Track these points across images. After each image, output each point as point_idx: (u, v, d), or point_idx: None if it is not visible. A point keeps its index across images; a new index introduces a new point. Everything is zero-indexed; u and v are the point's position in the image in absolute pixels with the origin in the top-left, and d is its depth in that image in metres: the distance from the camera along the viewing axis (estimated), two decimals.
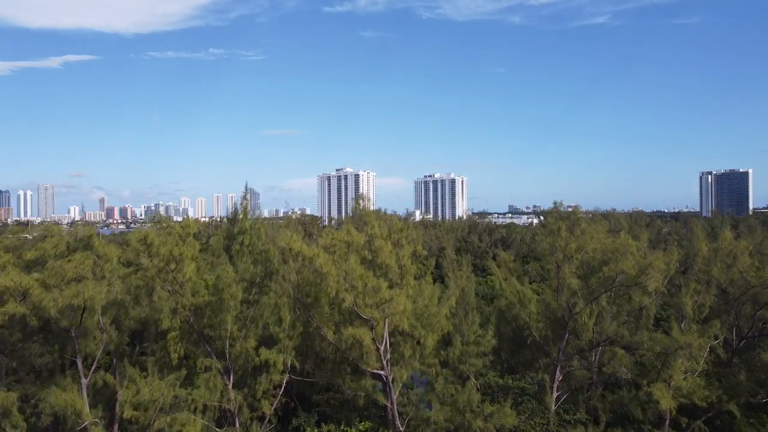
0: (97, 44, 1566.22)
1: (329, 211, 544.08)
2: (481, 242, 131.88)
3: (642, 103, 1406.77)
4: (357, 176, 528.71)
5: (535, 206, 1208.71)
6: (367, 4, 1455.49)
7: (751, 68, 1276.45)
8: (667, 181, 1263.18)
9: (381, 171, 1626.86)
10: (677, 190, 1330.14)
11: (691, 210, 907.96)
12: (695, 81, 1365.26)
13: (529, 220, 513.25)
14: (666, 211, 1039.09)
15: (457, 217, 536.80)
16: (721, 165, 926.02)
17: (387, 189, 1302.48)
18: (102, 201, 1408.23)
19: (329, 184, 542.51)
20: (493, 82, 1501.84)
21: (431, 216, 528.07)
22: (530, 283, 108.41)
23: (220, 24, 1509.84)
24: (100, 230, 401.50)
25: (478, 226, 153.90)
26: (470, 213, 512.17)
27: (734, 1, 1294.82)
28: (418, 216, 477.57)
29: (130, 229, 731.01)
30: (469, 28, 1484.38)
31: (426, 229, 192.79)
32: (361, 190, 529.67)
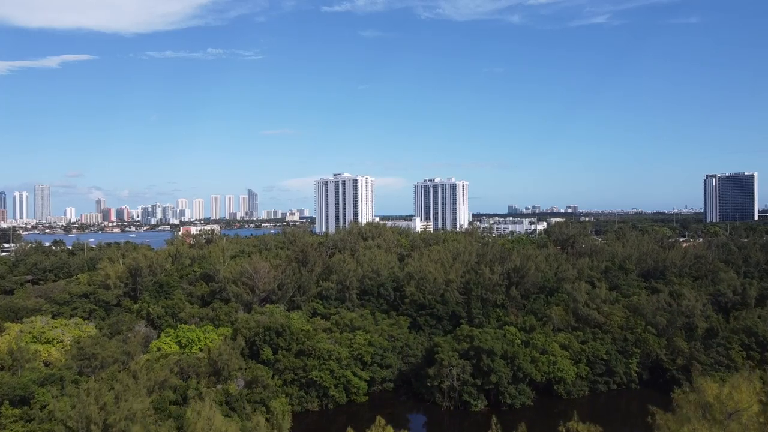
0: (96, 44, 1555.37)
1: (327, 216, 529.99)
2: (492, 274, 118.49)
3: (642, 103, 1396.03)
4: (355, 181, 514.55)
5: (534, 207, 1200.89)
6: (366, 4, 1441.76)
7: (754, 68, 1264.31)
8: (667, 182, 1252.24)
9: (379, 170, 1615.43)
10: (678, 190, 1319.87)
11: (691, 210, 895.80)
12: (696, 81, 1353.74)
13: (532, 226, 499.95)
14: (666, 212, 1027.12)
15: (458, 224, 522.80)
16: (724, 167, 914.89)
17: (386, 189, 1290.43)
18: (98, 202, 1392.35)
19: (327, 189, 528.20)
20: (492, 81, 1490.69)
21: (431, 223, 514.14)
22: (553, 331, 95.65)
23: (219, 23, 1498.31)
24: (90, 240, 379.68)
25: (487, 252, 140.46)
26: (473, 222, 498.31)
27: (734, 0, 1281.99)
28: (418, 223, 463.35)
29: (125, 234, 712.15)
30: (468, 27, 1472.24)
31: (428, 247, 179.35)
32: (359, 195, 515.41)
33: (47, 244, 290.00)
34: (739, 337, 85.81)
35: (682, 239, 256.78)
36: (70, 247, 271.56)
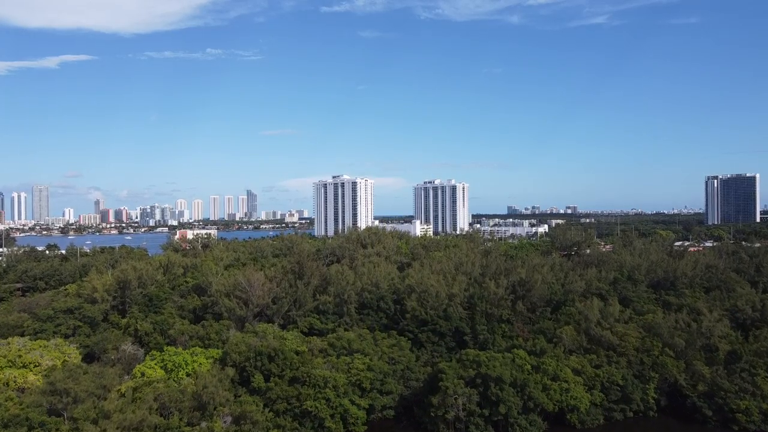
0: (95, 44, 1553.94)
1: (326, 218, 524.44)
2: (497, 287, 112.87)
3: (642, 103, 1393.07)
4: (354, 183, 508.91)
5: (534, 207, 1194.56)
6: (366, 4, 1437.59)
7: (754, 68, 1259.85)
8: (667, 183, 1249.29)
9: (379, 171, 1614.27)
10: (678, 191, 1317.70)
11: (691, 211, 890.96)
12: (696, 81, 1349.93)
13: (533, 228, 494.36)
14: (666, 212, 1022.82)
15: (458, 226, 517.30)
16: (724, 167, 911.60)
17: (385, 189, 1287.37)
18: (97, 203, 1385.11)
19: (326, 192, 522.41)
20: (492, 82, 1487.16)
21: (431, 225, 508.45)
22: (565, 353, 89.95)
23: (218, 24, 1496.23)
24: (86, 242, 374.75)
25: (491, 263, 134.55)
26: (474, 224, 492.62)
27: (734, 0, 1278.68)
28: (418, 226, 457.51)
29: (122, 235, 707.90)
30: (467, 28, 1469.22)
31: (429, 253, 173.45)
32: (358, 197, 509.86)
33: (42, 248, 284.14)
34: (765, 361, 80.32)
35: (686, 243, 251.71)
36: (63, 251, 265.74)
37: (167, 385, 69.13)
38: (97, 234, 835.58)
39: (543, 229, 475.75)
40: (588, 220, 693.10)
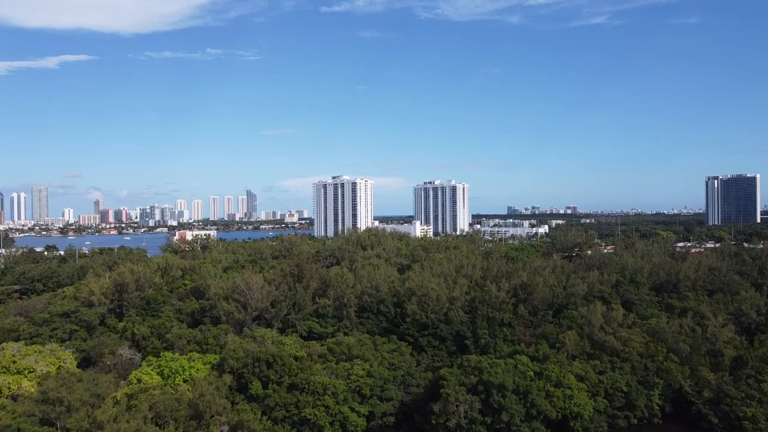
0: (95, 44, 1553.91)
1: (326, 219, 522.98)
2: (499, 291, 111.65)
3: (642, 103, 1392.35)
4: (354, 184, 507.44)
5: (533, 207, 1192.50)
6: (366, 4, 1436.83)
7: (754, 68, 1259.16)
8: (667, 183, 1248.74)
9: (379, 171, 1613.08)
10: (678, 191, 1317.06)
11: (691, 211, 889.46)
12: (696, 81, 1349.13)
13: (533, 229, 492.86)
14: (666, 212, 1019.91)
15: (458, 227, 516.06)
16: (724, 167, 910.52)
17: (385, 189, 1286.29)
18: (97, 203, 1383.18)
19: (325, 192, 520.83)
20: (492, 82, 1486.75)
21: (431, 226, 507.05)
22: (567, 359, 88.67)
23: (218, 24, 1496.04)
24: (86, 243, 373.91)
25: (492, 266, 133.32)
26: (474, 225, 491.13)
27: (734, 0, 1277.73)
28: (418, 227, 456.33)
29: (122, 236, 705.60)
30: (467, 28, 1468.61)
31: (429, 255, 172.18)
32: (358, 198, 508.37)
33: (40, 249, 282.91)
34: None
35: (688, 244, 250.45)
36: (62, 252, 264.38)
37: (163, 392, 67.83)
38: (97, 234, 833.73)
39: (543, 229, 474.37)
40: (588, 221, 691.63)
